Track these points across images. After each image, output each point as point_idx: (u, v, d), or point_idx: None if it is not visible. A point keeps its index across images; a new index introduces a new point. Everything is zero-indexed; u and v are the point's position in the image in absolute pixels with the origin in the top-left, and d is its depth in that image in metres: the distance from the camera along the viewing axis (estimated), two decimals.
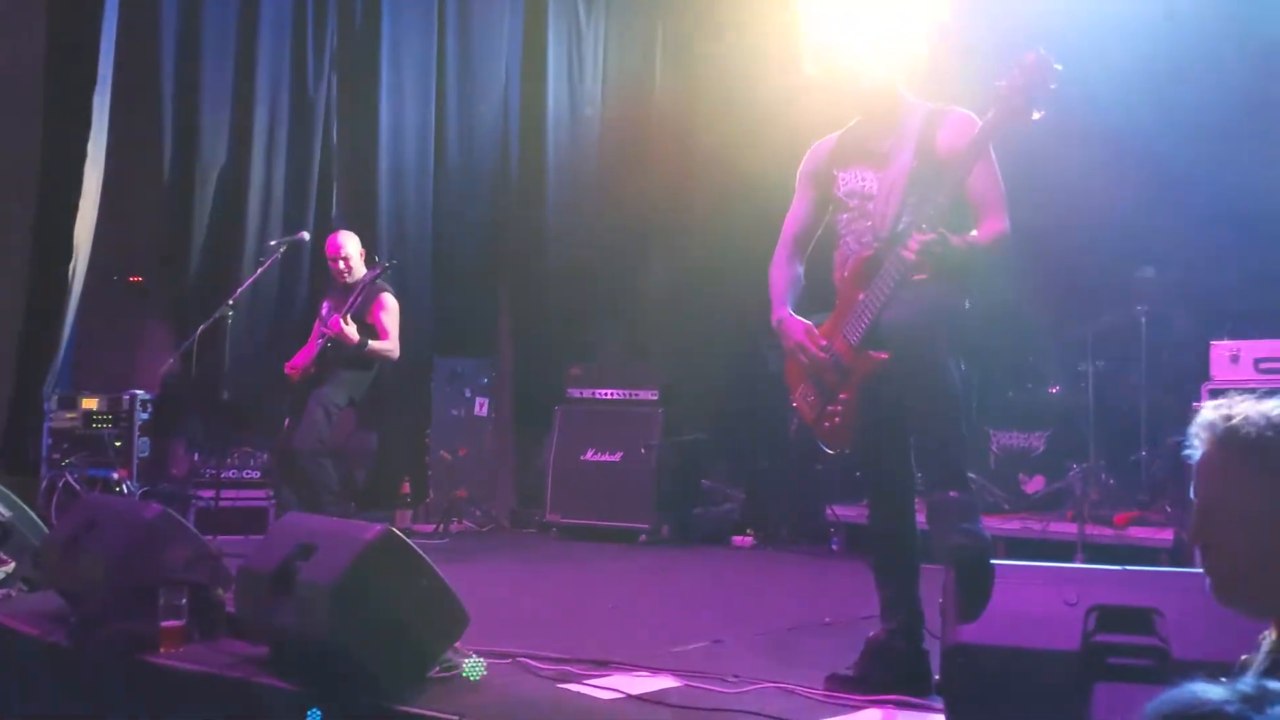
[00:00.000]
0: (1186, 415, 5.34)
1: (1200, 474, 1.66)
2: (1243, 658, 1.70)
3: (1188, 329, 6.77)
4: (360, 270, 6.50)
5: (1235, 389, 5.36)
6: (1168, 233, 6.63)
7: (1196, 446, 1.66)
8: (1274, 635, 1.63)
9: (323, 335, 6.35)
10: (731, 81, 9.62)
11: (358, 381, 6.40)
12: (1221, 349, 5.56)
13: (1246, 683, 1.07)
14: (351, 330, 6.17)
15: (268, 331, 7.68)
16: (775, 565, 6.64)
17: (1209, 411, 1.66)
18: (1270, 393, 1.70)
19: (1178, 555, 5.57)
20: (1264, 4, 7.21)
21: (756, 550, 7.19)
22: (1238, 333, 6.02)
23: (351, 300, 6.29)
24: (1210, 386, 5.50)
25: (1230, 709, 1.04)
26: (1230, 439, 1.61)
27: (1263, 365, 5.37)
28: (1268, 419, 1.60)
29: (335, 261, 6.53)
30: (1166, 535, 5.76)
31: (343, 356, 6.30)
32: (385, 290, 6.51)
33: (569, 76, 9.29)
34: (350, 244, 6.59)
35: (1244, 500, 1.59)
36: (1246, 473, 1.59)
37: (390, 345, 6.44)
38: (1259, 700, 1.05)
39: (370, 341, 6.33)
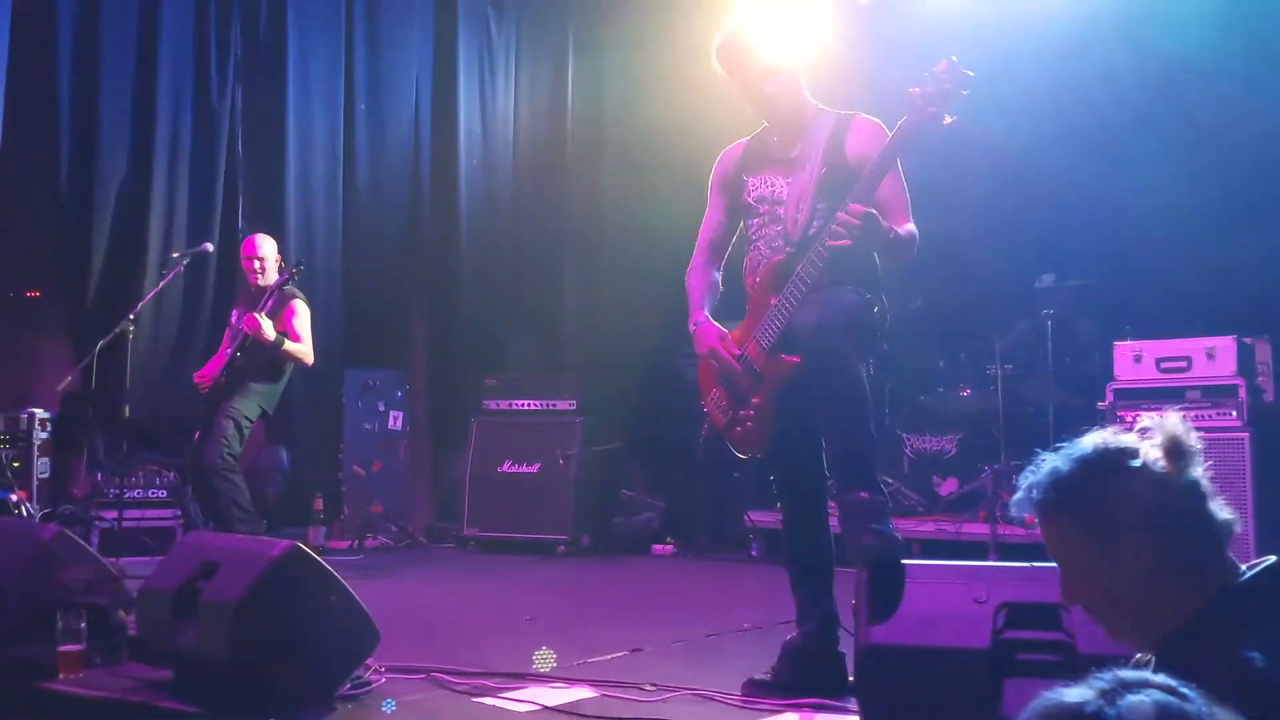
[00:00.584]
0: (1093, 415, 5.46)
1: (1045, 541, 1.71)
2: (1138, 656, 1.73)
3: (1091, 332, 6.94)
4: (274, 275, 6.35)
5: (1139, 388, 5.50)
6: (1068, 240, 6.79)
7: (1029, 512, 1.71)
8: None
9: (238, 334, 6.14)
10: (644, 90, 9.66)
11: (269, 393, 6.24)
12: (1125, 350, 5.69)
13: (1103, 678, 1.09)
14: (268, 326, 6.01)
15: (172, 345, 7.50)
16: (695, 573, 6.64)
17: (1020, 491, 1.70)
18: (1169, 395, 1.75)
19: None
20: (1159, 27, 7.44)
21: (676, 559, 7.19)
22: (1139, 334, 6.18)
23: (262, 304, 6.15)
24: (1115, 386, 5.62)
25: (1088, 708, 1.06)
26: (1039, 502, 1.66)
27: (1164, 364, 5.51)
28: (1058, 470, 1.64)
29: (250, 261, 6.35)
30: None
31: (254, 364, 6.11)
32: (297, 296, 6.35)
33: (480, 86, 9.25)
34: (267, 246, 6.43)
35: (1075, 552, 1.63)
36: (1063, 526, 1.64)
37: (305, 348, 6.27)
38: (1112, 693, 1.07)
39: (287, 341, 6.15)
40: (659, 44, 9.08)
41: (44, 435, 6.68)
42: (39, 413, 6.68)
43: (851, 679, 2.90)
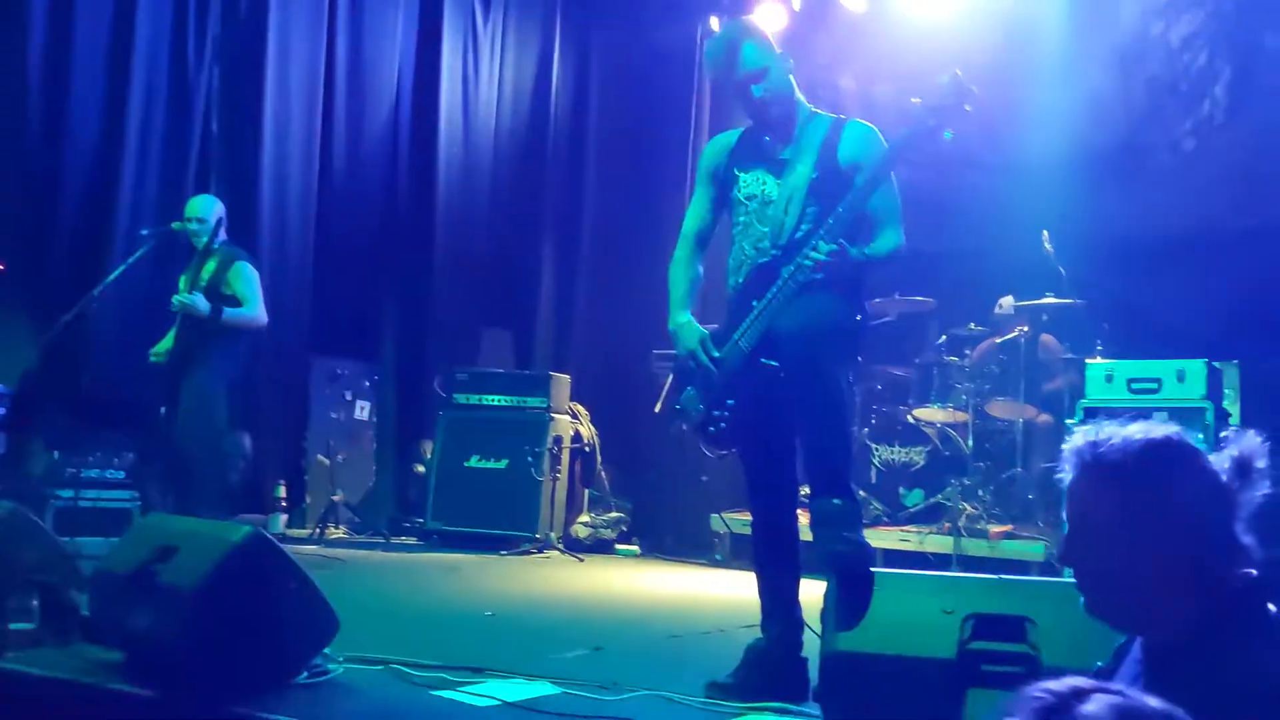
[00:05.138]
0: (1060, 433, 5.48)
1: (1070, 498, 1.70)
2: (1098, 665, 1.75)
3: (1059, 350, 6.98)
4: (206, 237, 6.10)
5: (1110, 407, 5.51)
6: (1043, 260, 6.82)
7: (1066, 471, 1.70)
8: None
9: (173, 309, 5.97)
10: (631, 83, 9.68)
11: (231, 358, 6.06)
12: (1096, 369, 5.70)
13: (1052, 689, 1.09)
14: (199, 302, 5.84)
15: (136, 324, 7.35)
16: (659, 574, 6.62)
17: (1077, 437, 1.70)
18: (1138, 415, 1.76)
19: (1048, 568, 5.69)
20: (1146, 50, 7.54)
21: (641, 559, 7.17)
22: (1110, 353, 6.21)
23: (196, 273, 5.94)
24: (1085, 404, 5.63)
25: None
26: (1093, 463, 1.66)
27: (1134, 385, 5.52)
28: (1128, 443, 1.64)
29: (187, 222, 6.16)
30: (1037, 550, 5.89)
31: (205, 332, 5.92)
32: (240, 258, 6.15)
33: (464, 75, 9.18)
34: (201, 206, 6.21)
35: (1106, 522, 1.63)
36: (1108, 495, 1.64)
37: (251, 311, 6.06)
38: (1065, 705, 1.07)
39: (226, 310, 5.95)
40: (649, 34, 9.13)
41: (1, 411, 6.56)
42: None
43: (815, 685, 2.88)
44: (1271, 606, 1.58)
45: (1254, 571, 1.60)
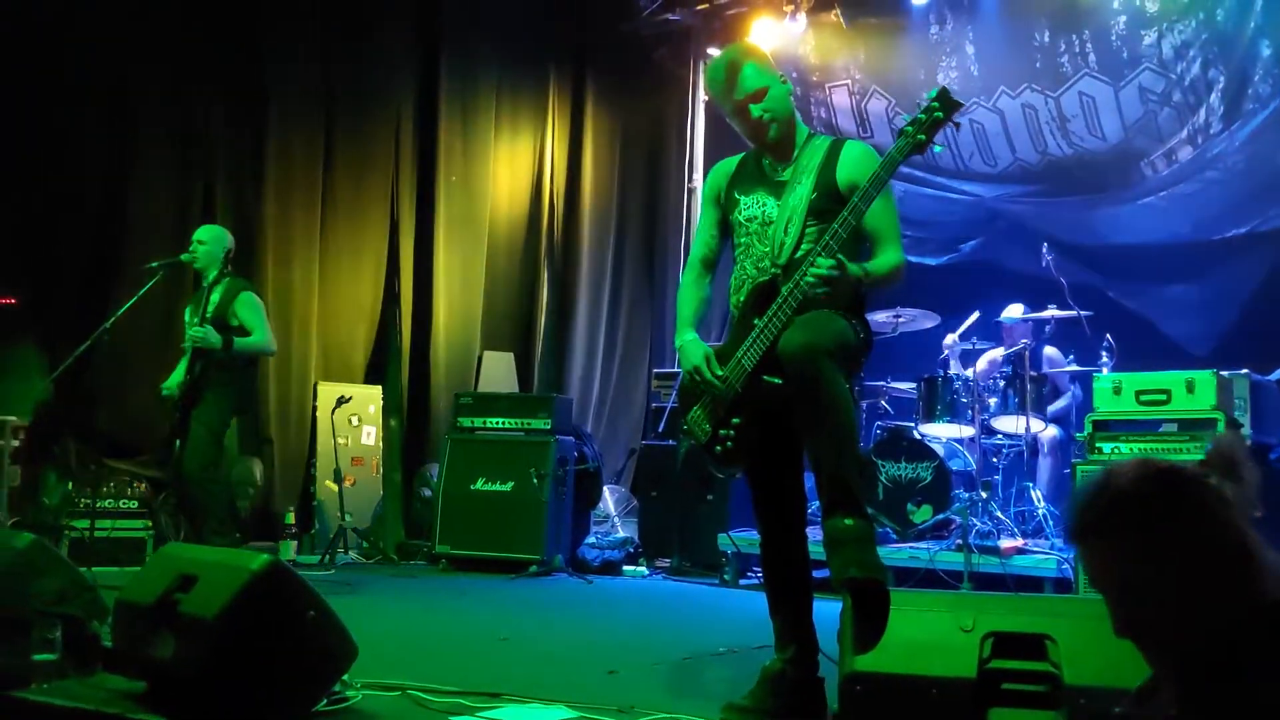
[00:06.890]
0: (1068, 446, 5.44)
1: (1092, 574, 1.59)
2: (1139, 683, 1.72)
3: (1066, 363, 7.01)
4: (214, 267, 6.07)
5: (1118, 419, 5.53)
6: (1046, 273, 6.86)
7: (1074, 541, 1.61)
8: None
9: (186, 344, 5.96)
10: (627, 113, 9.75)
11: (240, 388, 6.05)
12: (1104, 381, 5.72)
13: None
14: (210, 335, 5.83)
15: (148, 354, 7.39)
16: (668, 595, 6.62)
17: (1073, 509, 1.59)
18: (1147, 427, 1.71)
19: (1062, 584, 5.70)
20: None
21: (649, 580, 7.17)
22: (1118, 366, 6.24)
23: (202, 304, 5.94)
24: (1094, 418, 5.65)
25: None
26: (1095, 530, 1.55)
27: (1143, 397, 5.53)
28: (1117, 496, 1.54)
29: (191, 248, 6.13)
30: (1050, 565, 5.89)
31: (215, 364, 5.92)
32: (245, 288, 6.14)
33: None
34: (206, 233, 6.18)
35: (1142, 578, 1.53)
36: (1129, 552, 1.54)
37: (260, 339, 6.05)
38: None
39: (237, 340, 5.93)
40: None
41: (16, 443, 6.59)
42: (11, 420, 6.59)
43: (835, 707, 2.89)
44: None
45: None
